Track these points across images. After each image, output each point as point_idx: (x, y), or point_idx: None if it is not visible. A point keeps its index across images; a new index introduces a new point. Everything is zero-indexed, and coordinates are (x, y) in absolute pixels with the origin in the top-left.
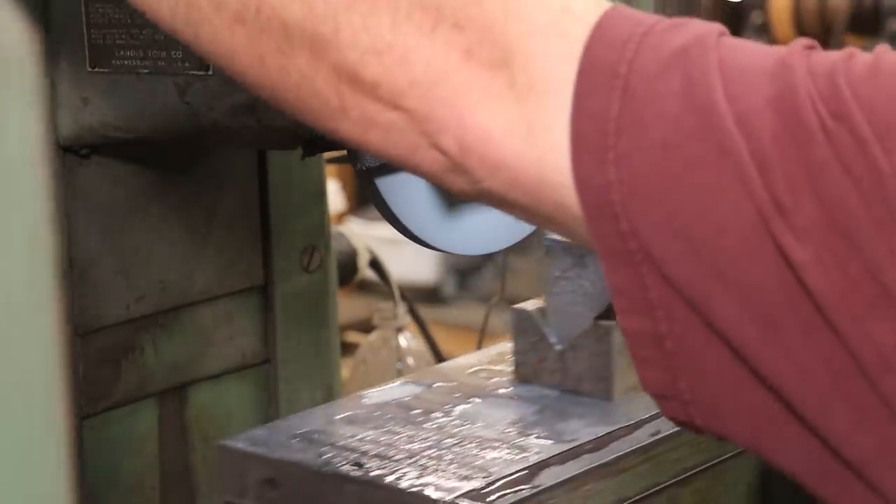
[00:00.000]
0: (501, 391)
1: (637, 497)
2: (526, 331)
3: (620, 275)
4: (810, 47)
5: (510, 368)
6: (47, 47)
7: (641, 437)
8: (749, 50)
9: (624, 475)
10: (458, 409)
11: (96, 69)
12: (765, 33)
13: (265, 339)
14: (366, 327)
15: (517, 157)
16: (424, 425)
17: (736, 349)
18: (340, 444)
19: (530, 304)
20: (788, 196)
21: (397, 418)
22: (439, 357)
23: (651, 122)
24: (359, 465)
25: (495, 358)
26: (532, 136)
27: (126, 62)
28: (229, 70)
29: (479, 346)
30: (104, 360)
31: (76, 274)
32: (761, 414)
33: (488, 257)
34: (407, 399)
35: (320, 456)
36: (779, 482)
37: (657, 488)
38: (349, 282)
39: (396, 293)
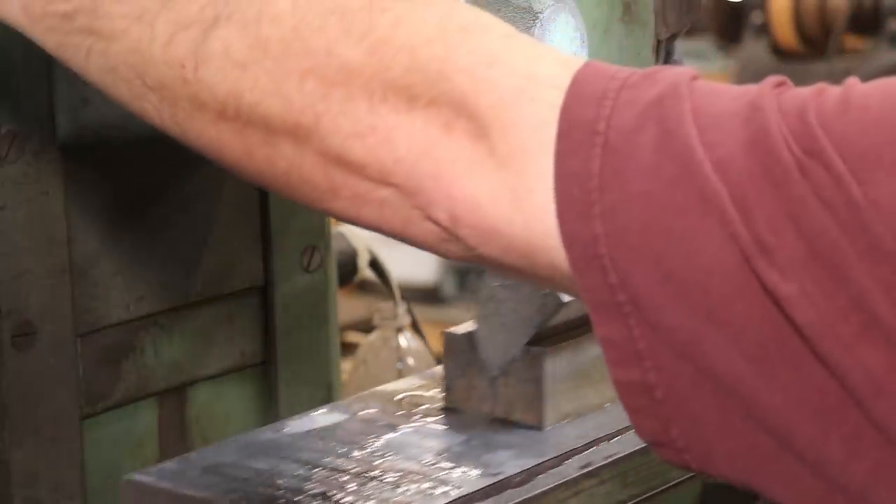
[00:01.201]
0: (429, 419)
1: None
2: (456, 355)
3: (609, 327)
4: (780, 84)
5: (441, 394)
6: None
7: (570, 471)
8: (721, 94)
9: None
10: (383, 439)
11: None
12: (765, 33)
13: (265, 340)
14: (366, 327)
15: (506, 223)
16: (345, 457)
17: (728, 389)
18: (253, 478)
19: (461, 328)
20: (770, 234)
21: (316, 449)
22: (438, 360)
23: (633, 175)
24: (269, 502)
25: (427, 383)
26: (517, 201)
27: None
28: (220, 163)
29: None
30: (104, 360)
31: (76, 274)
32: (755, 452)
33: None
34: (329, 428)
35: (230, 492)
36: None
37: None
38: (349, 282)
39: (396, 293)
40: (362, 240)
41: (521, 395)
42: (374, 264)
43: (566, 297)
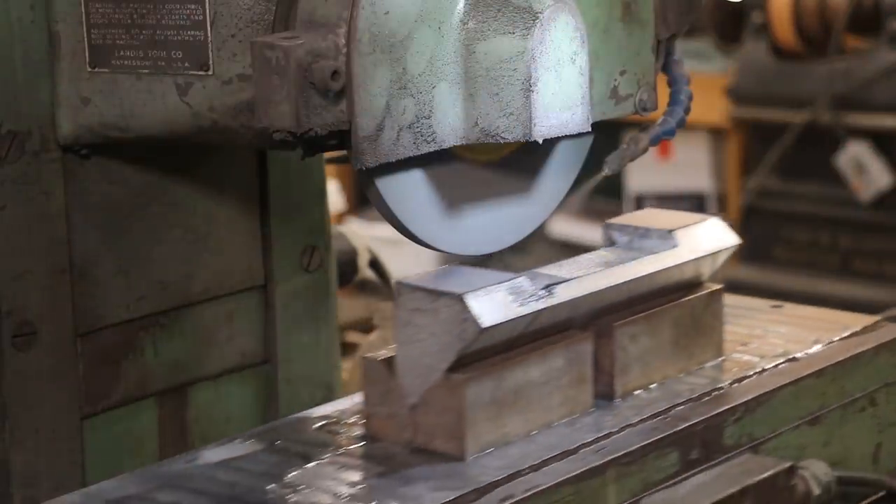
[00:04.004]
0: (348, 449)
1: None
2: (375, 382)
3: None
4: None
5: (361, 422)
6: (47, 47)
7: None
8: None
9: None
10: (296, 470)
11: (96, 69)
12: (765, 33)
13: (265, 339)
14: (366, 327)
15: None
16: (254, 490)
17: None
18: None
19: (381, 353)
20: None
21: (226, 482)
22: None
23: None
24: None
25: (349, 410)
26: None
27: (126, 62)
28: None
29: None
30: (104, 360)
31: (76, 274)
32: None
33: (488, 257)
34: (241, 459)
35: None
36: None
37: None
38: (349, 282)
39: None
40: (362, 240)
41: (441, 424)
42: (374, 264)
43: (486, 323)
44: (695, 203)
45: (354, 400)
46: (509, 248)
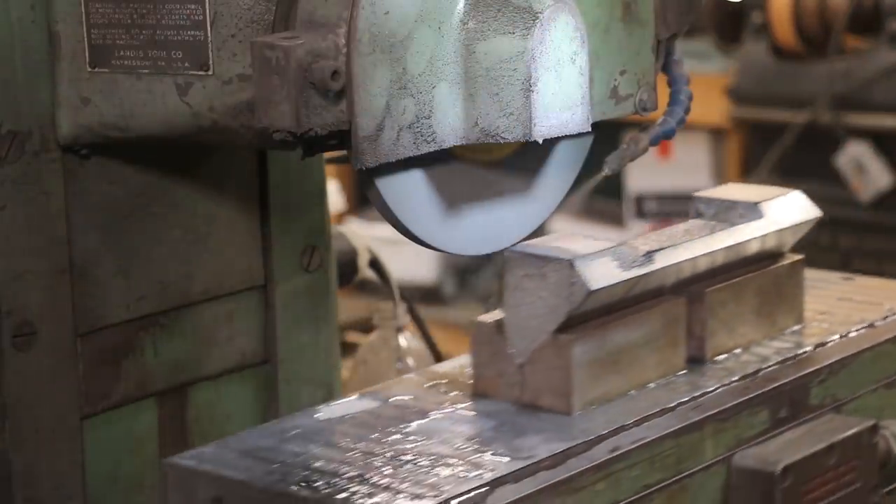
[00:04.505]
0: (459, 406)
1: None
2: (484, 344)
3: None
4: None
5: (469, 382)
6: (47, 47)
7: (599, 454)
8: None
9: (581, 493)
10: (414, 424)
11: (96, 69)
12: (765, 33)
13: (265, 339)
14: (366, 327)
15: None
16: (379, 441)
17: None
18: (290, 461)
19: (489, 316)
20: None
21: (351, 434)
22: (438, 357)
23: None
24: (308, 483)
25: (453, 371)
26: None
27: (126, 62)
28: None
29: None
30: (104, 360)
31: (76, 274)
32: None
33: (488, 257)
34: (362, 414)
35: (269, 474)
36: (741, 499)
37: None
38: (349, 282)
39: (396, 293)
40: (362, 240)
41: (548, 381)
42: (374, 264)
43: (594, 287)
44: None
45: (459, 362)
46: (509, 248)
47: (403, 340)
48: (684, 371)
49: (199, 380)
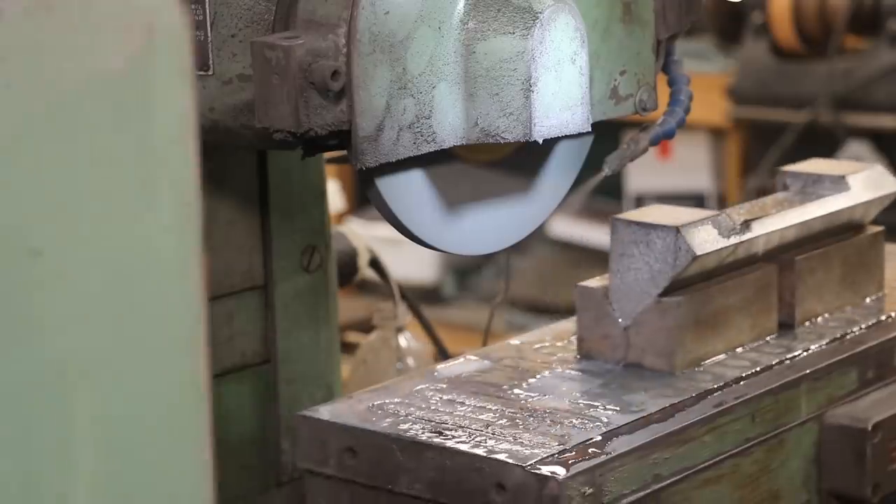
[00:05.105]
0: (567, 366)
1: (702, 465)
2: (589, 308)
3: None
4: None
5: (573, 346)
6: None
7: (705, 409)
8: None
9: (689, 444)
10: (527, 382)
11: None
12: (765, 33)
13: (265, 339)
14: (366, 327)
15: None
16: (496, 397)
17: None
18: (417, 414)
19: (594, 282)
20: None
21: (469, 392)
22: (445, 355)
23: None
24: (438, 433)
25: (557, 335)
26: None
27: None
28: None
29: (484, 346)
30: None
31: None
32: None
33: (488, 257)
34: (477, 373)
35: (398, 425)
36: (833, 453)
37: (720, 458)
38: (349, 282)
39: (396, 293)
40: (362, 240)
41: (652, 342)
42: (374, 264)
43: (699, 252)
44: (695, 203)
45: (560, 326)
46: (509, 247)
47: (403, 340)
48: (776, 335)
49: None
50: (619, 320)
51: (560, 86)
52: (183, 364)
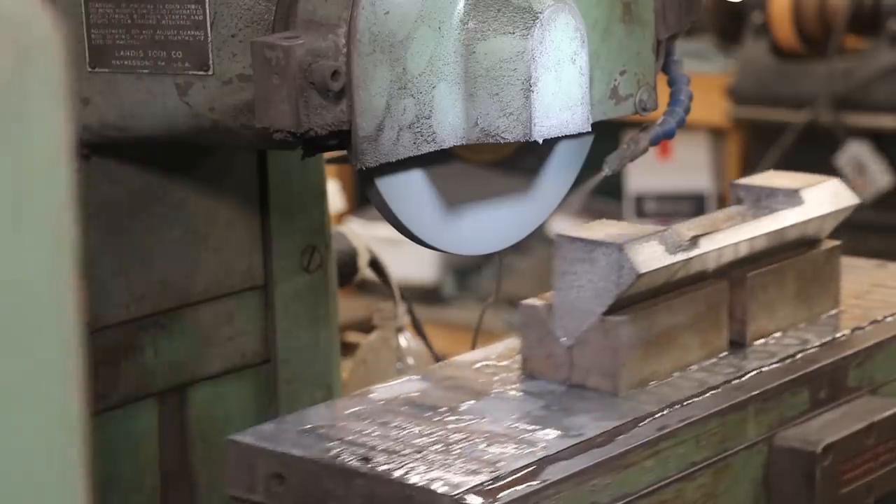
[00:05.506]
0: (508, 387)
1: (643, 491)
2: (533, 326)
3: None
4: None
5: (517, 365)
6: None
7: (648, 432)
8: None
9: (630, 470)
10: (465, 404)
11: (96, 69)
12: (765, 33)
13: (265, 339)
14: (366, 327)
15: None
16: (432, 421)
17: None
18: (348, 438)
19: (538, 300)
20: None
21: (404, 414)
22: (436, 357)
23: None
24: (366, 459)
25: (501, 354)
26: None
27: (126, 62)
28: None
29: (473, 346)
30: (104, 360)
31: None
32: None
33: (488, 257)
34: (414, 395)
35: (328, 451)
36: (782, 477)
37: (663, 483)
38: (349, 282)
39: (396, 293)
40: (362, 240)
41: (596, 363)
42: (374, 264)
43: (642, 270)
44: (695, 203)
45: (505, 345)
46: (509, 247)
47: (403, 340)
48: (726, 353)
49: (199, 380)
50: (563, 340)
51: (560, 86)
52: (54, 399)
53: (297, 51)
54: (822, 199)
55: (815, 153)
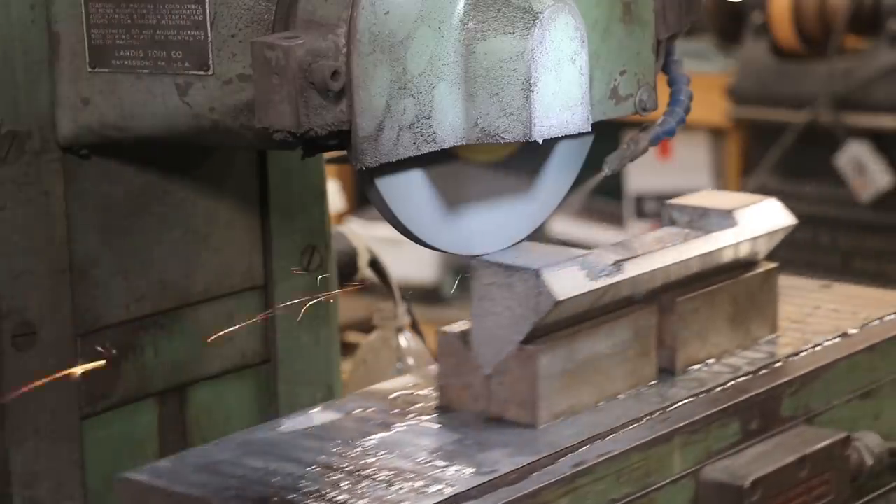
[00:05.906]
0: (423, 418)
1: None
2: (450, 355)
3: None
4: None
5: (435, 393)
6: (47, 47)
7: (564, 469)
8: None
9: None
10: (376, 437)
11: (96, 69)
12: (765, 33)
13: (265, 339)
14: (366, 327)
15: None
16: (340, 455)
17: None
18: (248, 476)
19: (455, 326)
20: None
21: (311, 448)
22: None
23: None
24: (262, 500)
25: (421, 382)
26: None
27: (126, 62)
28: None
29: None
30: (104, 360)
31: (76, 274)
32: None
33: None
34: (324, 427)
35: (224, 490)
36: None
37: None
38: (349, 282)
39: (396, 293)
40: (362, 240)
41: (514, 393)
42: (374, 264)
43: (560, 297)
44: None
45: (425, 373)
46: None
47: (403, 340)
48: (655, 382)
49: (199, 380)
50: (481, 369)
51: (560, 86)
52: None
53: (297, 51)
54: (757, 219)
55: (815, 153)
